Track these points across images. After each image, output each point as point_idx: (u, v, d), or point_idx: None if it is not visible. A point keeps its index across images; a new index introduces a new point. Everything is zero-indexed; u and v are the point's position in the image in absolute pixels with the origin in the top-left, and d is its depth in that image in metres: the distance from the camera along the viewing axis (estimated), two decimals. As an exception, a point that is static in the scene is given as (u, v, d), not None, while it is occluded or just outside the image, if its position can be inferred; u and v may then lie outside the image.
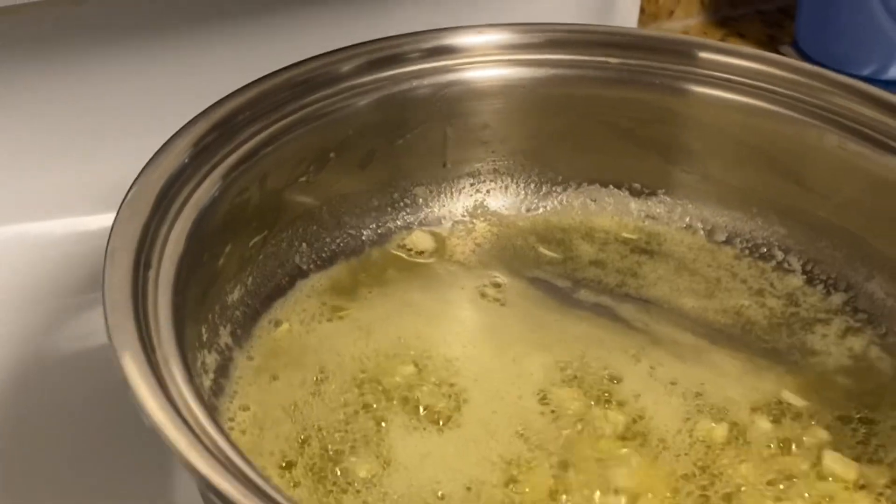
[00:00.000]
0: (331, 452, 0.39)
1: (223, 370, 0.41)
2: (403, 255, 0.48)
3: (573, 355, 0.43)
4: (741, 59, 0.48)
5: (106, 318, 0.33)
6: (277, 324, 0.43)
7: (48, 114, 0.49)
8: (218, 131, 0.42)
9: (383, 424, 0.40)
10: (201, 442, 0.30)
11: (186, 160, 0.40)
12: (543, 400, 0.41)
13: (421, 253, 0.48)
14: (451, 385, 0.42)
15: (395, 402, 0.41)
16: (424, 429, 0.40)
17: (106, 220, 0.37)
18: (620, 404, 0.41)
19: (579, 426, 0.40)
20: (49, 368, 0.45)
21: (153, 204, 0.38)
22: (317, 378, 0.41)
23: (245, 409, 0.40)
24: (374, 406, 0.41)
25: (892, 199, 0.46)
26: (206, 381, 0.40)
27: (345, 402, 0.40)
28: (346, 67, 0.45)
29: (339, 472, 0.38)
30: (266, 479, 0.30)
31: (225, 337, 0.42)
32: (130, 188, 0.37)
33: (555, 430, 0.40)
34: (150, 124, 0.41)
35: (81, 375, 0.45)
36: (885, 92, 0.46)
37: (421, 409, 0.41)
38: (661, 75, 0.49)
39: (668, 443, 0.40)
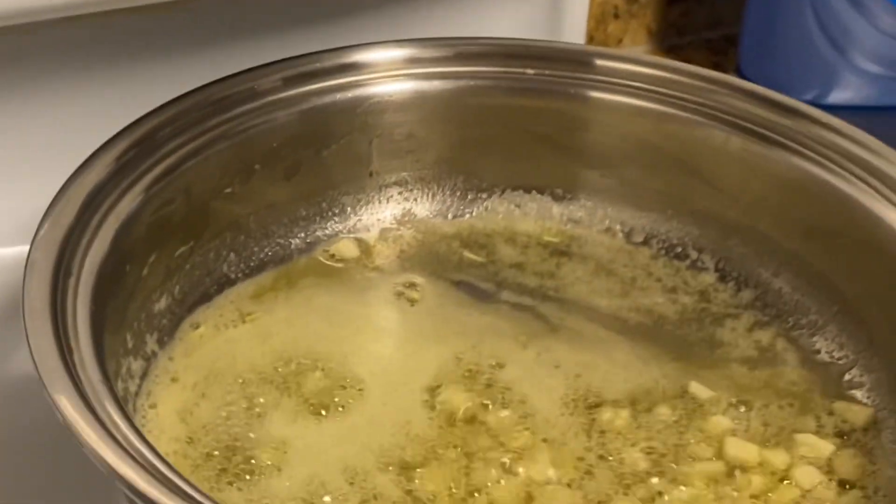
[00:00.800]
0: (215, 452, 0.40)
1: (147, 372, 0.42)
2: (328, 262, 0.50)
3: (467, 345, 0.45)
4: (649, 67, 0.50)
5: (24, 323, 0.35)
6: (195, 327, 0.45)
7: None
8: (140, 146, 0.43)
9: (266, 418, 0.41)
10: (112, 437, 0.32)
11: (109, 173, 0.42)
12: (434, 392, 0.43)
13: (345, 260, 0.50)
14: (344, 379, 0.43)
15: (280, 396, 0.42)
16: (309, 420, 0.42)
17: (22, 251, 0.38)
18: (507, 395, 0.43)
19: (465, 417, 0.42)
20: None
21: (75, 215, 0.39)
22: (207, 379, 0.43)
23: (153, 406, 0.41)
24: (261, 401, 0.42)
25: (795, 198, 0.48)
26: (132, 387, 0.42)
27: (229, 401, 0.42)
28: (264, 84, 0.47)
29: (225, 468, 0.40)
30: (176, 472, 0.32)
31: (151, 344, 0.44)
32: (53, 200, 0.39)
33: (442, 422, 0.42)
34: (66, 156, 0.42)
35: (8, 406, 0.45)
36: (782, 96, 0.48)
37: (307, 402, 0.42)
38: (573, 85, 0.51)
39: (556, 426, 0.42)
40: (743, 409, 0.44)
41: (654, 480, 0.41)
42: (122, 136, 0.43)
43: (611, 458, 0.41)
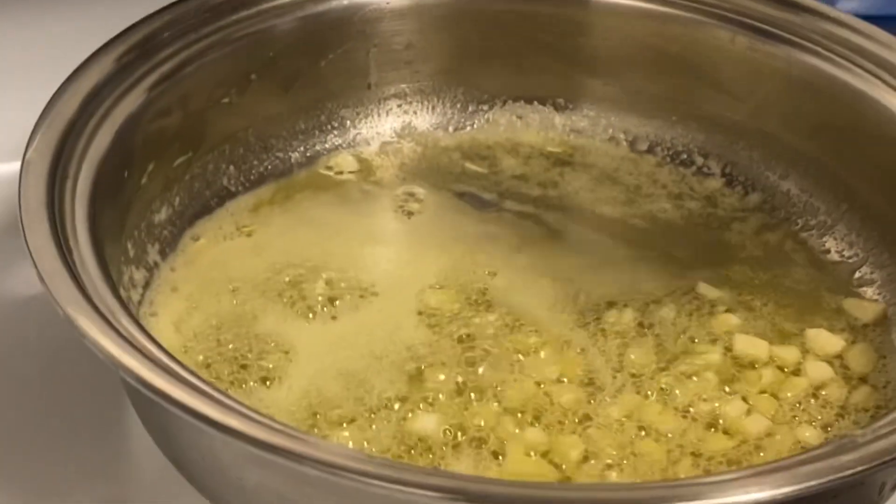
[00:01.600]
0: (209, 362, 0.40)
1: (150, 282, 0.42)
2: (328, 175, 0.49)
3: (466, 251, 0.45)
4: (649, -35, 0.49)
5: (21, 221, 0.34)
6: (196, 239, 0.44)
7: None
8: (138, 50, 0.42)
9: (260, 325, 0.41)
10: (115, 329, 0.31)
11: (108, 75, 0.41)
12: (431, 295, 0.43)
13: (345, 173, 0.49)
14: (340, 286, 0.43)
15: (269, 301, 0.42)
16: (303, 327, 0.41)
17: (14, 167, 0.37)
18: (492, 301, 0.43)
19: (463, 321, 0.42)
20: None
21: (71, 117, 0.39)
22: (202, 290, 0.42)
23: (154, 315, 0.41)
24: (255, 309, 0.42)
25: (803, 96, 0.47)
26: (135, 296, 0.41)
27: (223, 311, 0.41)
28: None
29: (219, 377, 0.39)
30: (180, 363, 0.31)
31: (153, 255, 0.43)
32: (51, 99, 0.38)
33: (441, 328, 0.42)
34: (63, 69, 0.41)
35: (14, 323, 0.45)
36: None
37: (304, 308, 0.42)
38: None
39: (562, 328, 0.42)
40: (752, 308, 0.43)
41: (663, 377, 0.40)
42: (120, 38, 0.42)
43: (617, 356, 0.41)
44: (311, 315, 0.42)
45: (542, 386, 0.40)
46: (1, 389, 0.42)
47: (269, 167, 0.49)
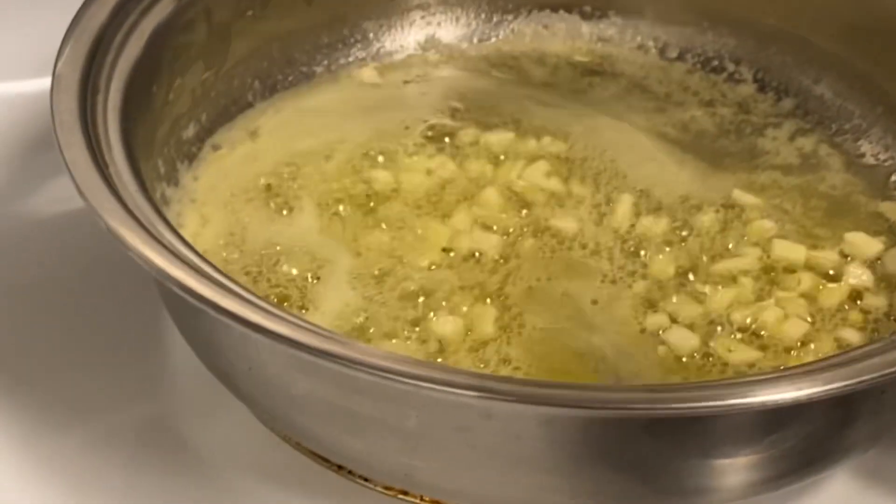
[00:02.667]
0: (241, 263, 0.40)
1: (182, 197, 0.42)
2: (351, 87, 0.48)
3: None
4: None
5: (56, 136, 0.33)
6: (216, 148, 0.44)
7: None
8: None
9: (286, 213, 0.41)
10: (157, 240, 0.31)
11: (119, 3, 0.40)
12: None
13: (368, 85, 0.48)
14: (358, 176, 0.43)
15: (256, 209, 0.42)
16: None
17: (42, 84, 0.37)
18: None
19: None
20: (13, 234, 0.45)
21: (99, 29, 0.38)
22: (209, 203, 0.42)
23: (180, 227, 0.40)
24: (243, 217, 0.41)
25: (835, -2, 0.47)
26: (167, 211, 0.41)
27: (221, 225, 0.41)
28: None
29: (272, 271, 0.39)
30: (225, 274, 0.31)
31: (183, 171, 0.43)
32: (77, 13, 0.37)
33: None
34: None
35: (50, 240, 0.45)
36: None
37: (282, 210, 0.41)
38: None
39: (596, 237, 0.41)
40: (787, 213, 0.43)
41: (702, 282, 0.40)
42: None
43: (655, 260, 0.41)
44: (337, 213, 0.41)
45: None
46: (37, 305, 0.42)
47: (293, 80, 0.48)
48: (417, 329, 0.37)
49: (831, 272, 0.41)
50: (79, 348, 0.41)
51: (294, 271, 0.39)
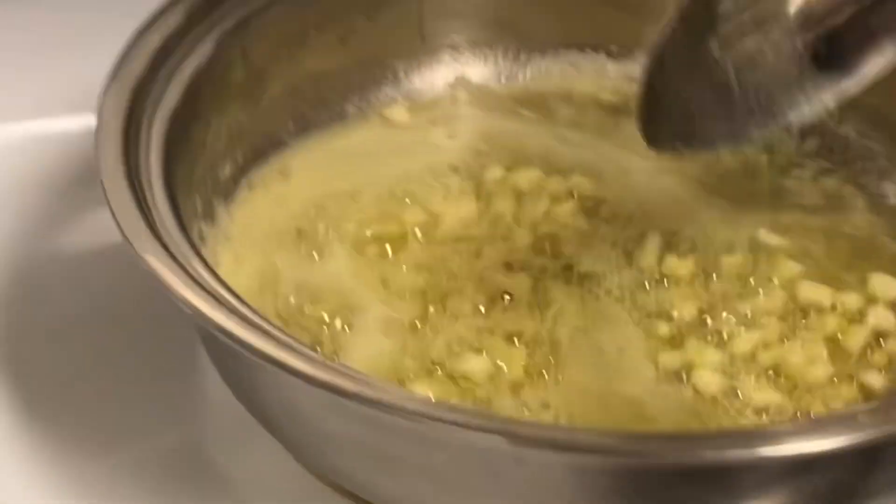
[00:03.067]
0: (273, 306, 0.40)
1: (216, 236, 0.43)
2: (381, 126, 0.49)
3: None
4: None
5: (102, 184, 0.35)
6: (251, 187, 0.45)
7: (23, 15, 0.50)
8: (197, 7, 0.43)
9: (317, 257, 0.42)
10: (204, 289, 0.32)
11: (174, 30, 0.41)
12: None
13: (398, 124, 0.49)
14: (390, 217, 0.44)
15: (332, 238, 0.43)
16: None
17: (81, 121, 0.38)
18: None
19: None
20: (53, 267, 0.46)
21: (140, 73, 0.39)
22: (243, 243, 0.43)
23: (216, 266, 0.41)
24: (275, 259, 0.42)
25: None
26: (205, 250, 0.42)
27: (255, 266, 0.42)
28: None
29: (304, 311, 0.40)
30: (271, 323, 0.32)
31: (219, 208, 0.44)
32: (119, 56, 0.39)
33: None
34: (124, 26, 0.41)
35: (88, 273, 0.46)
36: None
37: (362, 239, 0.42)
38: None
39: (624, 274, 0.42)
40: (812, 254, 0.44)
41: (726, 324, 0.41)
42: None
43: (680, 301, 0.41)
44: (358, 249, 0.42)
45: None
46: (74, 335, 0.43)
47: (325, 119, 0.49)
48: (449, 372, 0.38)
49: (856, 314, 0.42)
50: (114, 377, 0.42)
51: (325, 316, 0.40)
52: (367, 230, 0.43)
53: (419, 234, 0.44)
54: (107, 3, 0.51)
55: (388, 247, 0.43)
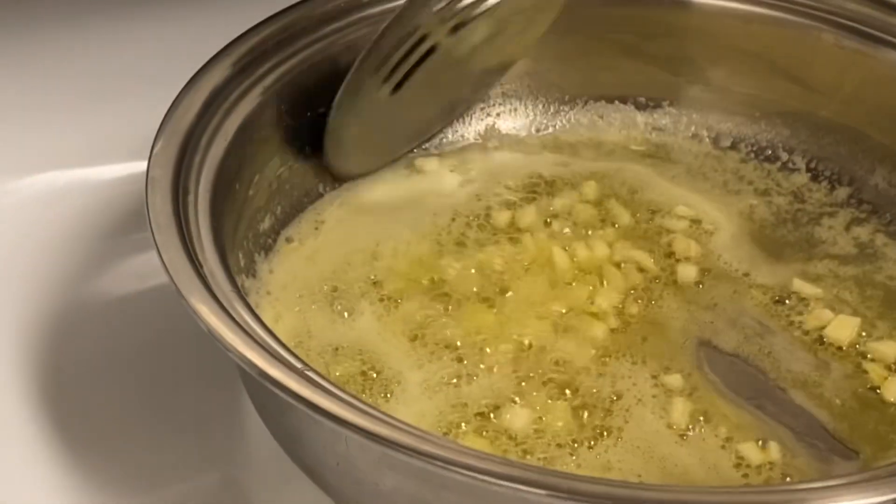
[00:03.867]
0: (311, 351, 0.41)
1: (258, 289, 0.43)
2: (412, 177, 0.49)
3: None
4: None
5: (154, 237, 0.35)
6: (289, 241, 0.45)
7: (76, 67, 0.51)
8: (235, 67, 0.43)
9: (346, 314, 0.43)
10: (255, 341, 0.32)
11: (208, 99, 0.42)
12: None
13: (428, 174, 0.50)
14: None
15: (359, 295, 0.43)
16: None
17: (133, 167, 0.39)
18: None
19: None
20: (98, 308, 0.47)
21: (185, 134, 0.40)
22: (281, 297, 0.43)
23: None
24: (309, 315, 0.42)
25: (890, 93, 0.48)
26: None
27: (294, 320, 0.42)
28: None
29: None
30: (311, 368, 0.32)
31: (261, 263, 0.44)
32: (164, 119, 0.39)
33: None
34: (175, 75, 0.42)
35: (134, 314, 0.47)
36: (878, -10, 0.48)
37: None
38: (658, -11, 0.50)
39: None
40: (846, 303, 0.44)
41: (766, 375, 0.41)
42: (217, 60, 0.43)
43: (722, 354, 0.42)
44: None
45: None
46: (119, 376, 0.44)
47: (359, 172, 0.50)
48: (497, 426, 0.38)
49: (892, 364, 0.42)
50: (156, 418, 0.43)
51: (360, 377, 0.40)
52: (398, 284, 0.44)
53: (451, 287, 0.44)
54: (154, 53, 0.52)
55: (419, 300, 0.43)
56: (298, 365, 0.32)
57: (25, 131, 0.51)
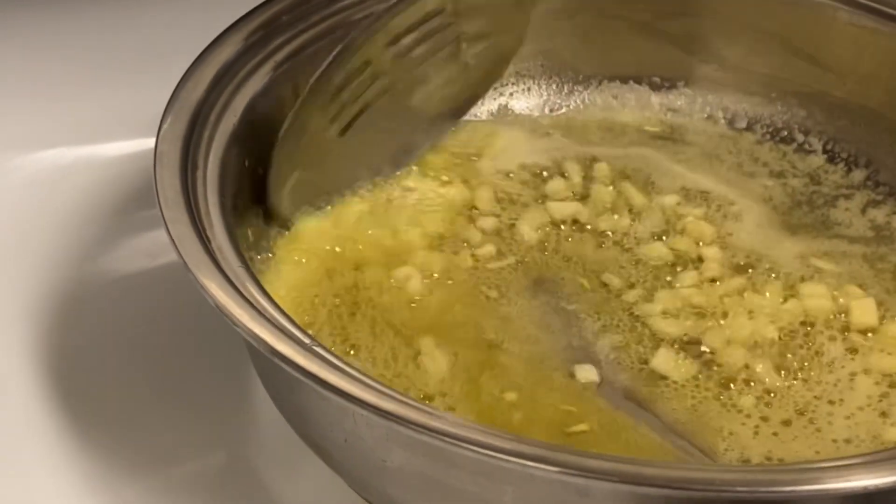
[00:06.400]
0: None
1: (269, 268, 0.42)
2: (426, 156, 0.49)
3: None
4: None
5: (162, 213, 0.35)
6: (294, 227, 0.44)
7: (84, 43, 0.51)
8: (246, 43, 0.43)
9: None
10: (265, 318, 0.32)
11: (217, 74, 0.41)
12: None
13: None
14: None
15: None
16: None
17: (142, 144, 0.38)
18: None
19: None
20: (107, 286, 0.47)
21: (194, 109, 0.40)
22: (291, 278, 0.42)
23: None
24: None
25: (907, 72, 0.47)
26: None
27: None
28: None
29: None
30: (320, 343, 0.32)
31: (270, 240, 0.44)
32: (173, 94, 0.39)
33: None
34: (185, 50, 0.42)
35: (142, 292, 0.46)
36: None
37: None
38: (675, -33, 0.50)
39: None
40: (865, 285, 0.44)
41: (787, 353, 0.41)
42: (228, 33, 0.43)
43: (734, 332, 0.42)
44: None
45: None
46: (126, 354, 0.44)
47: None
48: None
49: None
50: (165, 396, 0.43)
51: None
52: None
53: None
54: (164, 28, 0.51)
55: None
56: (307, 340, 0.32)
57: (33, 107, 0.51)
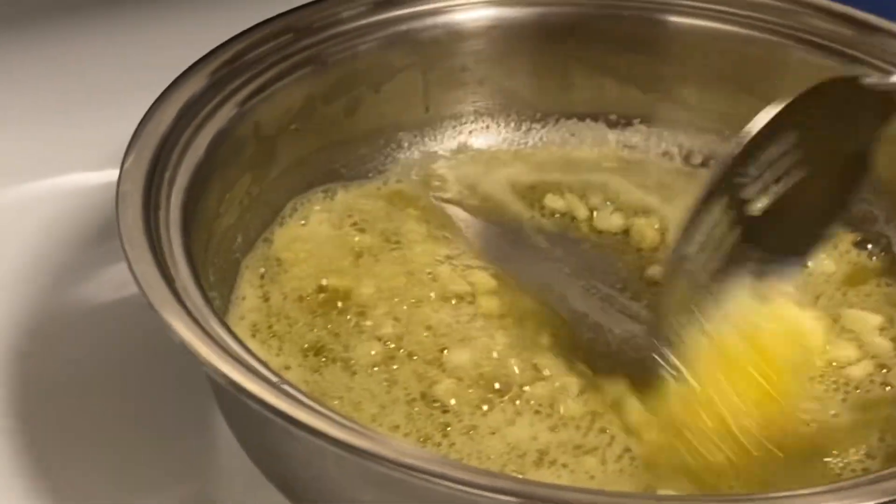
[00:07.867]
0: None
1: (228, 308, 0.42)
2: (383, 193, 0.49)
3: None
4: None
5: (125, 252, 0.34)
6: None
7: (49, 75, 0.51)
8: (211, 80, 0.43)
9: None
10: (230, 354, 0.32)
11: (181, 112, 0.41)
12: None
13: (402, 192, 0.49)
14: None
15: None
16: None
17: (106, 176, 0.38)
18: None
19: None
20: (70, 319, 0.46)
21: (156, 148, 0.39)
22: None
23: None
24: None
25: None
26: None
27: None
28: (345, 13, 0.47)
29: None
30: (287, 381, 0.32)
31: (230, 280, 0.43)
32: (135, 132, 0.39)
33: None
34: (149, 83, 0.42)
35: (107, 324, 0.46)
36: (836, 4, 0.48)
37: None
38: (631, 7, 0.51)
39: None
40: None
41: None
42: (190, 73, 0.43)
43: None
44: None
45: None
46: (89, 386, 0.44)
47: (331, 190, 0.49)
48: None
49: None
50: (127, 431, 0.42)
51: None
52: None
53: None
54: (129, 61, 0.51)
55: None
56: (274, 379, 0.32)
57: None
